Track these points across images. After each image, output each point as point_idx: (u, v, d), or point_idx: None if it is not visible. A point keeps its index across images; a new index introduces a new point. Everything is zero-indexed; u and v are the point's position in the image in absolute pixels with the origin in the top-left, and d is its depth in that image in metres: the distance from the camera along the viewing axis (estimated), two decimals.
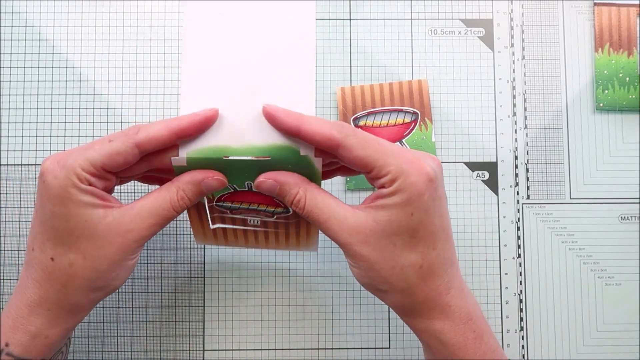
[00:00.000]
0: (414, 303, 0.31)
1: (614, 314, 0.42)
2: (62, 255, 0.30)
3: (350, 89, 0.43)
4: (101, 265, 0.31)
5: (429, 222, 0.30)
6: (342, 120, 0.42)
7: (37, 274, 0.31)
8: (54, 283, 0.31)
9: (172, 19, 0.43)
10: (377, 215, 0.30)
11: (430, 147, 0.42)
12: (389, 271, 0.31)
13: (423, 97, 0.43)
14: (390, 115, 0.43)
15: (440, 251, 0.31)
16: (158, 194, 0.31)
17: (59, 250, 0.30)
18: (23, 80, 0.42)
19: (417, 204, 0.30)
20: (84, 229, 0.30)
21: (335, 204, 0.31)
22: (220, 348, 0.41)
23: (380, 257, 0.30)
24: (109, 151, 0.30)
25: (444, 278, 0.31)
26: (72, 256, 0.30)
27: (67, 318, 0.32)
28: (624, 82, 0.43)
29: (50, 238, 0.30)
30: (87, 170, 0.30)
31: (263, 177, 0.31)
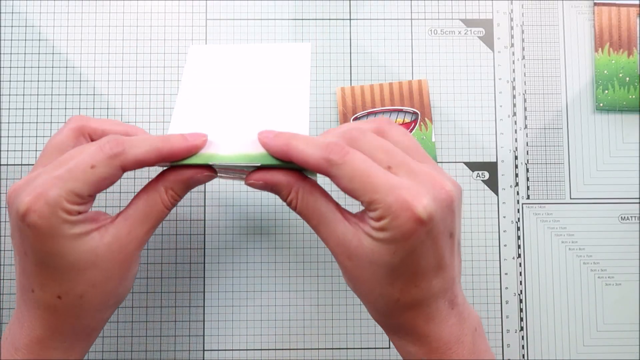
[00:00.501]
0: (388, 325, 0.31)
1: (614, 314, 0.42)
2: (69, 291, 0.29)
3: (350, 89, 0.43)
4: (110, 286, 0.30)
5: (413, 262, 0.28)
6: (342, 121, 0.42)
7: (43, 313, 0.29)
8: (65, 318, 0.29)
9: (172, 19, 0.43)
10: (362, 238, 0.29)
11: (430, 147, 0.42)
12: (366, 292, 0.30)
13: (423, 97, 0.43)
14: (390, 116, 0.43)
15: (424, 288, 0.29)
16: (148, 197, 0.30)
17: (65, 288, 0.29)
18: (23, 80, 0.42)
19: (402, 245, 0.27)
20: (86, 259, 0.28)
21: (326, 209, 0.30)
22: (220, 348, 0.41)
23: (360, 276, 0.29)
24: (95, 179, 0.28)
25: (425, 310, 0.29)
26: (80, 289, 0.29)
27: (82, 342, 0.31)
28: (624, 82, 0.43)
29: (52, 278, 0.29)
30: (74, 202, 0.28)
31: (253, 178, 0.30)
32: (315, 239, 0.42)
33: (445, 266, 0.29)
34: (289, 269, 0.42)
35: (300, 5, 0.44)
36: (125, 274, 0.30)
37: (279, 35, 0.43)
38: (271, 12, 0.44)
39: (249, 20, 0.44)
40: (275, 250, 0.42)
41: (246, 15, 0.44)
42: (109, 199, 0.41)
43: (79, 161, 0.28)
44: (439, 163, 0.42)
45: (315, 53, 0.43)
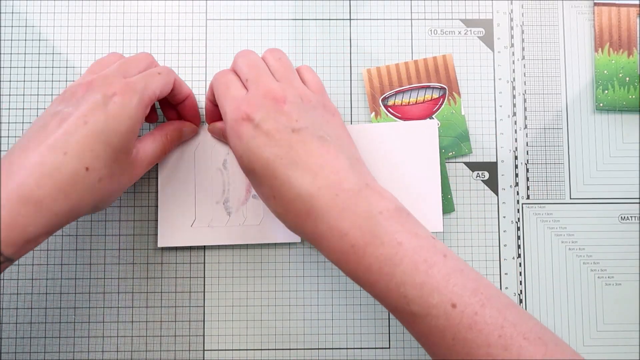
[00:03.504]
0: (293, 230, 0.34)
1: (614, 314, 0.42)
2: (97, 169, 0.32)
3: (376, 69, 0.43)
4: (116, 188, 0.35)
5: (258, 157, 0.33)
6: (371, 102, 0.43)
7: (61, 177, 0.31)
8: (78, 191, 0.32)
9: (172, 19, 0.43)
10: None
11: (460, 120, 0.43)
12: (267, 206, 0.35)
13: (449, 72, 0.43)
14: (418, 93, 0.43)
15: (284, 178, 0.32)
16: (154, 139, 0.38)
17: (96, 164, 0.32)
18: (23, 80, 0.42)
19: (239, 146, 0.33)
20: (124, 153, 0.34)
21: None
22: (220, 348, 0.41)
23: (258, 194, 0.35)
24: (163, 84, 0.36)
25: (299, 200, 0.32)
26: (104, 172, 0.33)
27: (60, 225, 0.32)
28: (624, 82, 0.43)
29: (95, 150, 0.32)
30: (152, 100, 0.35)
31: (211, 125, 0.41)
32: None
33: (298, 155, 0.32)
34: (289, 269, 0.42)
35: (300, 5, 0.44)
36: (124, 185, 0.36)
37: (279, 35, 0.43)
38: (271, 12, 0.44)
39: (249, 20, 0.44)
40: (275, 250, 0.42)
41: (246, 15, 0.44)
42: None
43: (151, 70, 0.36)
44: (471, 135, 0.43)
45: (316, 53, 0.43)
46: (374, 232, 0.31)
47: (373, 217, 0.31)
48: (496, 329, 0.29)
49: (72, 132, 0.31)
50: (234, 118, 0.34)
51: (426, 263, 0.30)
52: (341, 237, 0.31)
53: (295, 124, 0.33)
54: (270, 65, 0.37)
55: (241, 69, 0.36)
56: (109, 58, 0.38)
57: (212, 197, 0.41)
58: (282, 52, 0.38)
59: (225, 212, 0.41)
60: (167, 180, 0.41)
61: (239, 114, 0.33)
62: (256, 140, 0.33)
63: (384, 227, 0.31)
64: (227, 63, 0.43)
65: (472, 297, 0.30)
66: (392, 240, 0.31)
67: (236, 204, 0.41)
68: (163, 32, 0.43)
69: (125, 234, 0.41)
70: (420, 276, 0.30)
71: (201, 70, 0.43)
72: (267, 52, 0.38)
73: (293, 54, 0.43)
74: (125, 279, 0.41)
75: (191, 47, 0.43)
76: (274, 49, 0.38)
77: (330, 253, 0.32)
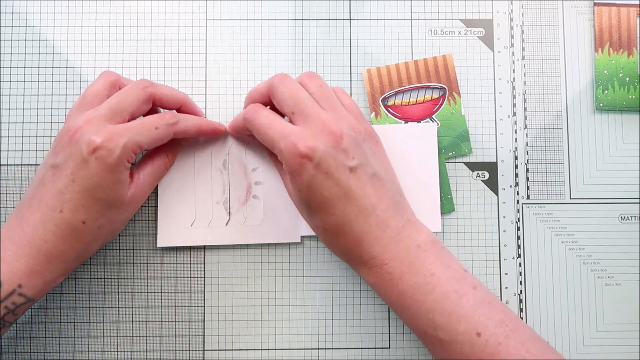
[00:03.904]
0: (336, 254, 0.37)
1: (614, 314, 0.42)
2: (93, 220, 0.35)
3: (376, 69, 0.43)
4: (118, 226, 0.37)
5: (317, 195, 0.34)
6: (371, 102, 0.43)
7: (62, 232, 0.34)
8: (79, 241, 0.35)
9: (172, 19, 0.43)
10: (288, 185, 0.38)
11: (460, 120, 0.43)
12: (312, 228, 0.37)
13: (449, 72, 0.43)
14: (418, 93, 0.43)
15: (340, 215, 0.34)
16: (153, 162, 0.39)
17: (92, 216, 0.35)
18: (23, 80, 0.42)
19: (299, 183, 0.34)
20: (118, 201, 0.35)
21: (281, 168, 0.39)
22: (220, 348, 0.41)
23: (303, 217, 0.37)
24: (155, 138, 0.36)
25: (351, 235, 0.35)
26: (101, 221, 0.35)
27: (74, 267, 0.36)
28: (624, 82, 0.43)
29: (87, 205, 0.34)
30: (134, 151, 0.35)
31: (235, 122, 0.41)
32: (316, 239, 0.42)
33: (355, 195, 0.34)
34: (289, 269, 0.42)
35: (300, 5, 0.44)
36: (127, 220, 0.38)
37: (279, 35, 0.43)
38: (271, 12, 0.44)
39: (249, 20, 0.44)
40: (275, 250, 0.42)
41: (246, 15, 0.44)
42: None
43: (146, 121, 0.36)
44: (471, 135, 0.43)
45: (316, 53, 0.43)
46: (411, 263, 0.34)
47: (411, 250, 0.35)
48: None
49: (63, 190, 0.34)
50: (292, 156, 0.33)
51: (456, 293, 0.33)
52: (382, 266, 0.35)
53: (351, 161, 0.34)
54: (313, 93, 0.36)
55: (285, 101, 0.35)
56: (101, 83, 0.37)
57: (212, 197, 0.41)
58: (321, 78, 0.37)
59: (225, 212, 0.41)
60: (167, 180, 0.41)
61: (296, 151, 0.33)
62: (316, 180, 0.34)
63: (420, 259, 0.34)
64: (227, 63, 0.43)
65: (497, 327, 0.32)
66: (426, 271, 0.34)
67: (236, 204, 0.41)
68: (163, 32, 0.43)
69: (125, 234, 0.42)
70: (450, 305, 0.33)
71: (201, 70, 0.43)
72: (305, 79, 0.37)
73: (293, 54, 0.43)
74: (125, 279, 0.41)
75: (191, 47, 0.43)
76: (311, 73, 0.37)
77: (369, 277, 0.36)
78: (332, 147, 0.34)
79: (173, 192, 0.41)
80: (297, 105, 0.35)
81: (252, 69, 0.43)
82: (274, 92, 0.36)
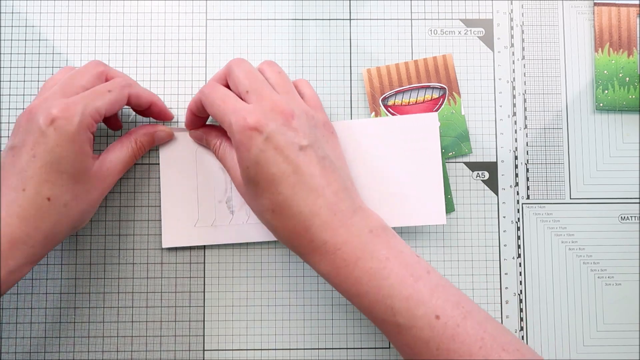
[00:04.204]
0: (284, 241, 0.35)
1: (614, 314, 0.42)
2: (59, 196, 0.33)
3: (376, 69, 0.43)
4: (86, 206, 0.36)
5: (265, 171, 0.33)
6: (371, 102, 0.43)
7: (26, 213, 0.33)
8: (45, 221, 0.33)
9: (172, 19, 0.43)
10: (236, 167, 0.37)
11: (460, 120, 0.43)
12: (257, 215, 0.36)
13: (449, 72, 0.43)
14: (418, 93, 0.43)
15: (288, 194, 0.33)
16: (122, 146, 0.38)
17: (57, 192, 0.33)
18: (23, 80, 0.42)
19: (247, 158, 0.34)
20: (82, 174, 0.34)
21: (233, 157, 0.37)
22: (220, 348, 0.41)
23: (250, 203, 0.36)
24: (111, 101, 0.35)
25: (300, 217, 0.33)
26: (67, 197, 0.34)
27: (43, 253, 0.34)
28: (624, 82, 0.43)
29: (51, 180, 0.33)
30: (94, 118, 0.34)
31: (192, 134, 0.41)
32: None
33: (304, 174, 0.33)
34: (289, 269, 0.42)
35: (300, 5, 0.44)
36: (97, 202, 0.37)
37: (279, 35, 0.43)
38: (271, 12, 0.44)
39: (249, 20, 0.44)
40: (275, 250, 0.42)
41: (246, 15, 0.44)
42: (110, 198, 0.41)
43: (99, 87, 0.35)
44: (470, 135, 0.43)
45: (316, 53, 0.43)
46: (365, 248, 0.34)
47: (364, 235, 0.34)
48: (477, 340, 0.31)
49: (25, 168, 0.33)
50: (242, 129, 0.33)
51: (412, 277, 0.33)
52: (334, 251, 0.34)
53: (302, 140, 0.34)
54: (269, 78, 0.37)
55: (240, 80, 0.36)
56: (59, 74, 0.37)
57: (214, 197, 0.41)
58: (279, 66, 0.38)
59: (228, 211, 0.41)
60: (169, 181, 0.41)
61: (246, 124, 0.33)
62: (265, 154, 0.33)
63: (374, 244, 0.34)
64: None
65: (454, 310, 0.32)
66: (381, 256, 0.33)
67: (239, 202, 0.41)
68: (163, 32, 0.43)
69: (125, 234, 0.42)
70: (407, 289, 0.32)
71: (201, 70, 0.43)
72: (264, 65, 0.38)
73: (293, 54, 0.43)
74: (125, 279, 0.41)
75: (191, 47, 0.43)
76: (271, 61, 0.38)
77: (322, 266, 0.34)
78: (283, 125, 0.34)
79: (175, 192, 0.41)
80: (251, 84, 0.35)
81: None
82: (230, 73, 0.36)
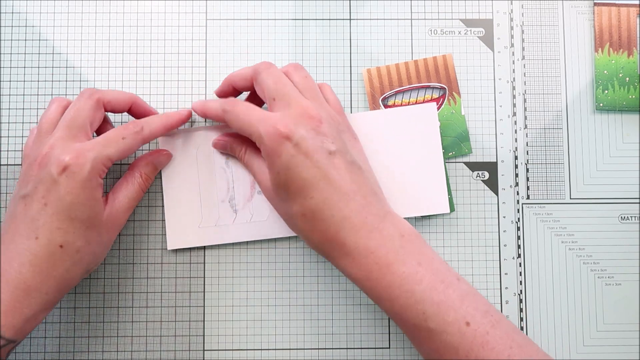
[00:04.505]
0: (313, 245, 0.35)
1: (614, 314, 0.42)
2: (71, 243, 0.34)
3: (376, 69, 0.43)
4: (99, 249, 0.36)
5: (296, 177, 0.34)
6: (371, 102, 0.43)
7: (39, 261, 0.33)
8: (58, 268, 0.34)
9: (172, 19, 0.43)
10: (265, 172, 0.37)
11: (460, 120, 0.43)
12: (286, 220, 0.37)
13: (449, 72, 0.43)
14: (418, 93, 0.43)
15: (319, 199, 0.34)
16: (127, 183, 0.38)
17: (69, 238, 0.34)
18: (23, 80, 0.42)
19: (277, 164, 0.34)
20: (93, 219, 0.35)
21: (259, 163, 0.38)
22: (220, 348, 0.41)
23: (279, 209, 0.37)
24: (124, 148, 0.36)
25: (332, 221, 0.34)
26: (80, 243, 0.34)
27: (57, 299, 0.35)
28: (624, 82, 0.43)
29: (62, 227, 0.33)
30: (105, 165, 0.35)
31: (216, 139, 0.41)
32: None
33: (334, 179, 0.34)
34: (289, 269, 0.42)
35: (300, 5, 0.44)
36: (109, 245, 0.37)
37: (279, 35, 0.43)
38: (271, 12, 0.44)
39: (249, 20, 0.44)
40: (275, 250, 0.42)
41: (246, 15, 0.44)
42: None
43: (112, 134, 0.36)
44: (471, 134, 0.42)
45: (316, 53, 0.43)
46: (397, 253, 0.34)
47: (396, 240, 0.34)
48: (505, 349, 0.32)
49: (36, 217, 0.33)
50: (272, 136, 0.34)
51: (443, 284, 0.33)
52: (367, 255, 0.34)
53: (331, 145, 0.34)
54: (297, 83, 0.37)
55: (268, 86, 0.36)
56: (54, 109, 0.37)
57: (217, 196, 0.41)
58: (306, 70, 0.38)
59: (231, 210, 0.41)
60: (171, 183, 0.41)
61: (276, 132, 0.34)
62: (295, 159, 0.34)
63: (406, 249, 0.34)
64: (227, 63, 0.43)
65: (483, 317, 0.32)
66: (413, 261, 0.34)
67: (242, 201, 0.41)
68: (163, 32, 0.43)
69: (125, 234, 0.41)
70: (438, 295, 0.33)
71: (201, 70, 0.43)
72: (290, 68, 0.38)
73: (293, 54, 0.43)
74: (125, 279, 0.41)
75: (191, 47, 0.43)
76: (297, 65, 0.38)
77: (354, 270, 0.34)
78: (312, 130, 0.34)
79: (178, 193, 0.41)
80: (278, 91, 0.35)
81: None
82: (257, 77, 0.37)
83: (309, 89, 0.37)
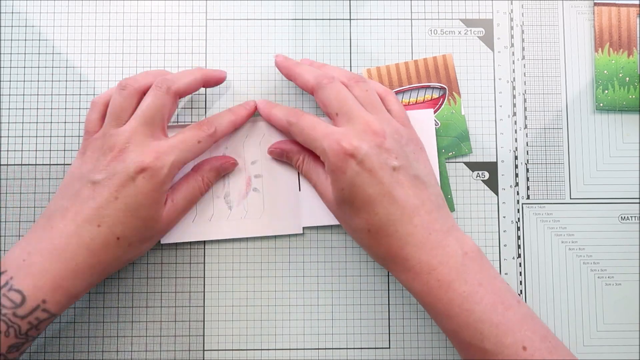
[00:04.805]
0: (377, 258, 0.36)
1: (614, 314, 0.42)
2: (127, 237, 0.35)
3: (376, 69, 0.43)
4: (145, 247, 0.38)
5: (360, 193, 0.34)
6: None
7: (95, 246, 0.34)
8: (109, 255, 0.35)
9: (172, 19, 0.43)
10: (328, 186, 0.37)
11: (460, 120, 0.43)
12: (350, 233, 0.37)
13: (449, 72, 0.43)
14: (418, 93, 0.43)
15: (384, 214, 0.34)
16: (188, 185, 0.39)
17: (127, 233, 0.35)
18: (23, 80, 0.42)
19: (342, 180, 0.35)
20: (154, 221, 0.36)
21: (319, 173, 0.38)
22: (220, 348, 0.41)
23: (342, 221, 0.37)
24: (198, 152, 0.37)
25: (396, 236, 0.34)
26: (134, 239, 0.36)
27: (99, 282, 0.36)
28: (624, 82, 0.43)
29: (125, 222, 0.35)
30: (180, 169, 0.36)
31: (273, 147, 0.41)
32: (315, 239, 0.42)
33: (398, 195, 0.34)
34: (289, 269, 0.42)
35: (300, 5, 0.44)
36: (155, 241, 0.38)
37: (279, 35, 0.43)
38: (271, 12, 0.44)
39: (249, 20, 0.44)
40: (276, 250, 0.42)
41: (246, 15, 0.44)
42: None
43: (188, 137, 0.37)
44: (471, 134, 0.42)
45: (316, 53, 0.43)
46: (459, 271, 0.34)
47: (459, 257, 0.34)
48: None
49: (104, 206, 0.34)
50: (336, 153, 0.34)
51: (503, 305, 0.33)
52: (429, 272, 0.34)
53: (394, 161, 0.35)
54: (358, 97, 0.37)
55: (330, 102, 0.36)
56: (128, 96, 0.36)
57: (212, 192, 0.41)
58: (367, 82, 0.38)
59: (226, 207, 0.41)
60: None
61: (341, 149, 0.34)
62: (360, 177, 0.34)
63: (468, 267, 0.34)
64: (227, 63, 0.43)
65: (542, 343, 0.32)
66: (474, 280, 0.34)
67: (237, 197, 0.41)
68: (163, 32, 0.43)
69: None
70: (497, 316, 0.33)
71: None
72: (352, 82, 0.38)
73: (293, 54, 0.43)
74: (125, 279, 0.41)
75: (191, 47, 0.43)
76: (357, 77, 0.38)
77: (415, 285, 0.35)
78: (376, 146, 0.34)
79: None
80: (341, 107, 0.36)
81: (252, 68, 0.43)
82: (319, 92, 0.37)
83: (371, 102, 0.37)
